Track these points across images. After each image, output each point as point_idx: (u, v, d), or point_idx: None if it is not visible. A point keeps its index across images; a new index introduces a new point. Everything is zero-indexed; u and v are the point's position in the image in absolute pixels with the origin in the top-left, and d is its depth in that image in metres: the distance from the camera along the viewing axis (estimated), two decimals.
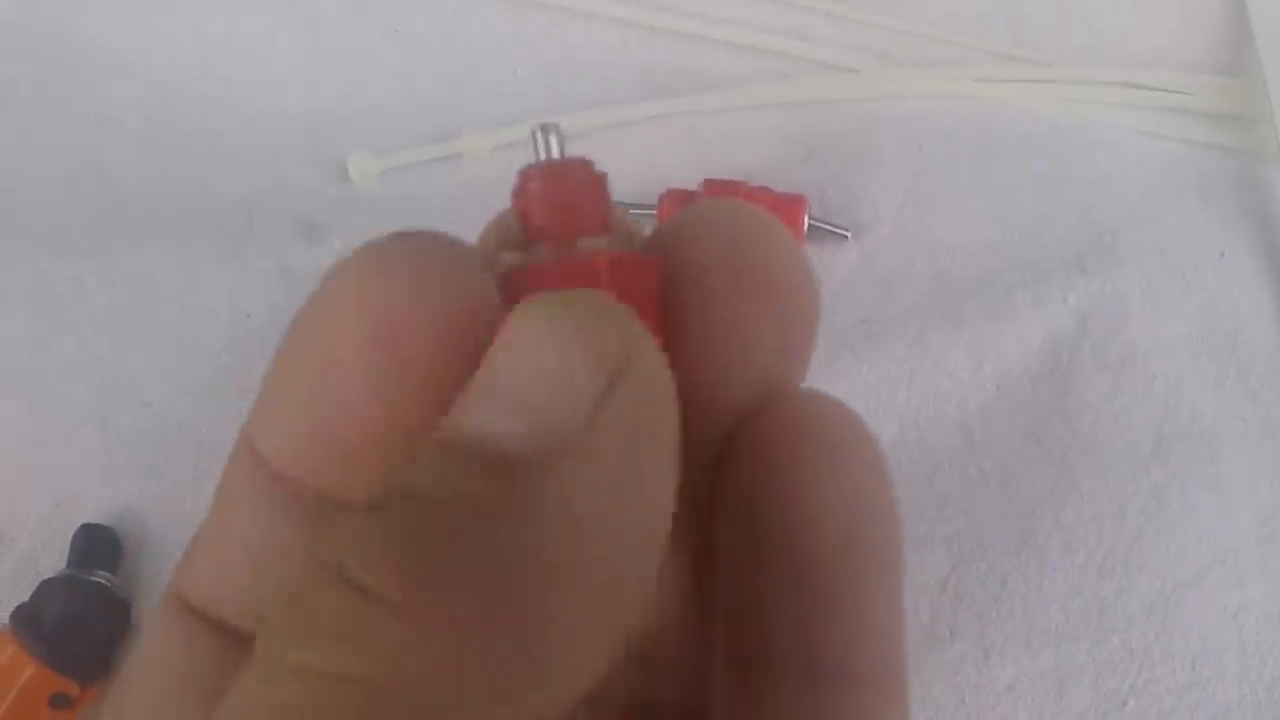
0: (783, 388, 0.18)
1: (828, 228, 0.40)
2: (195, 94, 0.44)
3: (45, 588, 0.36)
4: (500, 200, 0.46)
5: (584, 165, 0.20)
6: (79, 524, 0.37)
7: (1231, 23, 0.46)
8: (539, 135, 0.20)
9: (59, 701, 0.35)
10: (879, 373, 0.38)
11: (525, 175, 0.20)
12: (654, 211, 0.40)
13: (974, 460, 0.37)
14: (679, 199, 0.40)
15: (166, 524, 0.37)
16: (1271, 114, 0.43)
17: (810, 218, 0.40)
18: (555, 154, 0.20)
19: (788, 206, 0.39)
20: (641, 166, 0.42)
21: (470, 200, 0.42)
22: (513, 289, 0.18)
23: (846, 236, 0.40)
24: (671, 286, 0.18)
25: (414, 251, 0.17)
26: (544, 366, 0.15)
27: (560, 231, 0.19)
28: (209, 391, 0.38)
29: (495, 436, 0.15)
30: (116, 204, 0.42)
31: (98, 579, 0.37)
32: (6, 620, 0.36)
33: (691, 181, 0.41)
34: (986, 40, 0.46)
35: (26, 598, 0.36)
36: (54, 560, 0.36)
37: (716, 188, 0.40)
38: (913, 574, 0.34)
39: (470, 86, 0.46)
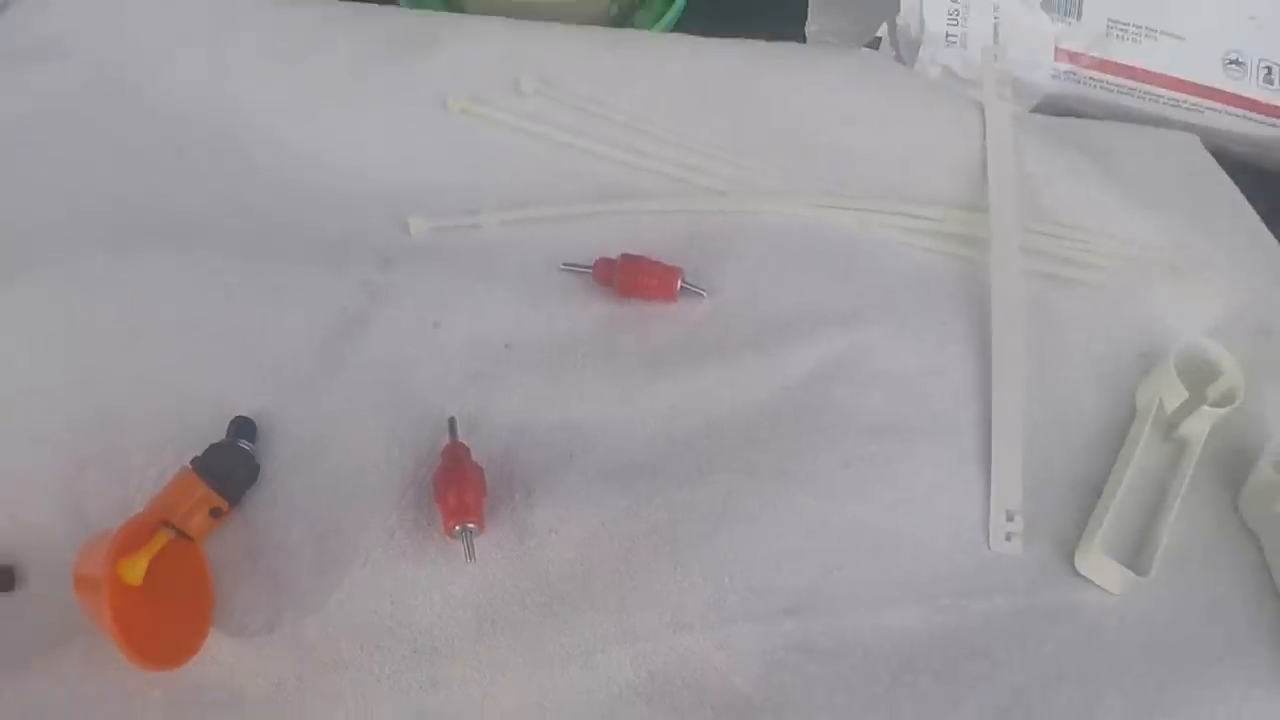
0: None
1: (693, 289, 0.55)
2: (320, 170, 0.61)
3: (214, 449, 0.50)
4: (503, 254, 0.68)
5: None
6: (233, 415, 0.51)
7: (974, 174, 0.61)
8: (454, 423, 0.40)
9: (215, 513, 0.49)
10: (713, 377, 0.54)
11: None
12: (590, 270, 0.57)
13: (765, 425, 0.54)
14: (605, 265, 0.56)
15: (287, 420, 0.53)
16: (990, 235, 0.57)
17: (683, 282, 0.55)
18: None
19: (668, 273, 0.55)
20: (588, 244, 0.58)
21: (484, 252, 0.58)
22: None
23: (704, 296, 0.56)
24: None
25: None
26: None
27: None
28: (314, 349, 0.55)
29: None
30: (261, 236, 0.58)
31: (243, 446, 0.50)
32: (190, 464, 0.49)
33: (615, 254, 0.56)
34: (812, 181, 0.60)
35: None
36: (219, 434, 0.51)
37: (629, 260, 0.55)
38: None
39: (489, 176, 0.61)
